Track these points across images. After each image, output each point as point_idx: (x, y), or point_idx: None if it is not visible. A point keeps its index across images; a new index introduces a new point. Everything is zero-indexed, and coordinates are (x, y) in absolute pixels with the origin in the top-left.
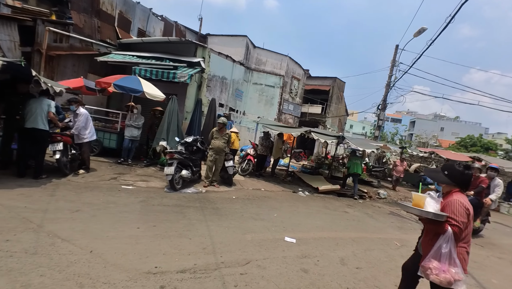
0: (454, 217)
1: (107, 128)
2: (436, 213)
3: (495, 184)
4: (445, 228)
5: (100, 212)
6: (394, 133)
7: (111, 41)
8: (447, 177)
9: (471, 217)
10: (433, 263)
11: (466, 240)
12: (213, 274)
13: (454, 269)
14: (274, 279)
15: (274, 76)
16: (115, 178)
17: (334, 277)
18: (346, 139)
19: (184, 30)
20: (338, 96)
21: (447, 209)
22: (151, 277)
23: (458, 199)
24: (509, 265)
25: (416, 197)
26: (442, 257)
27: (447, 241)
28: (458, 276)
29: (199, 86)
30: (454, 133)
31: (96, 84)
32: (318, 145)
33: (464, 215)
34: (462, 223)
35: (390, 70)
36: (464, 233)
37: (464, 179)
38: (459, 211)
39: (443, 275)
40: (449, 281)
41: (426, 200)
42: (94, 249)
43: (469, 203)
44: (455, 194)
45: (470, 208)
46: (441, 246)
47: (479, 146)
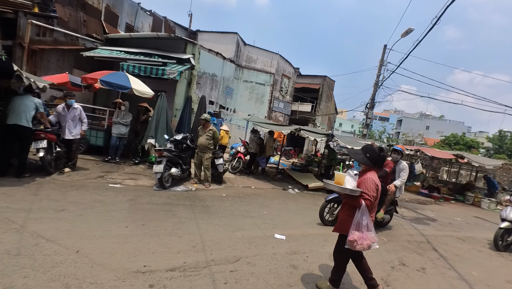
0: (367, 192)
1: (93, 125)
2: (352, 189)
3: (400, 168)
4: (359, 202)
5: (87, 211)
6: (382, 131)
7: (98, 36)
8: (367, 158)
9: (379, 192)
10: (356, 235)
11: (374, 210)
12: (203, 272)
13: (370, 234)
14: (264, 275)
15: (265, 74)
16: (102, 177)
17: (323, 273)
18: (335, 137)
19: (174, 26)
20: (328, 95)
21: (362, 186)
22: (140, 276)
23: (371, 177)
24: (488, 258)
25: (338, 176)
26: (360, 227)
27: (363, 214)
28: (373, 238)
29: (189, 83)
30: (439, 132)
31: (82, 80)
32: (308, 143)
33: (374, 190)
34: (373, 197)
35: (378, 69)
36: (374, 205)
37: (380, 161)
38: (371, 187)
39: (365, 242)
40: (369, 245)
41: (345, 178)
42: (81, 249)
43: (378, 179)
44: (369, 173)
45: (379, 184)
46: (359, 219)
47: (462, 144)
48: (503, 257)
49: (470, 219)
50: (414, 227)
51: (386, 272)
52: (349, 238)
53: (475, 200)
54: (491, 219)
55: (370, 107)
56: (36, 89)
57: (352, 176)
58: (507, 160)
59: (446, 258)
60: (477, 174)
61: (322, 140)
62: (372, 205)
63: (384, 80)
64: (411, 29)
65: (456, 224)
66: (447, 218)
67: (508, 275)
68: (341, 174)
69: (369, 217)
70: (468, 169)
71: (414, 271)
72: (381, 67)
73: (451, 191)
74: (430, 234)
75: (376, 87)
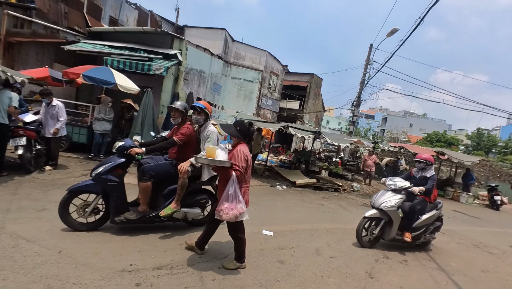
0: (237, 164)
1: (76, 122)
2: (222, 160)
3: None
4: (230, 172)
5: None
6: (367, 128)
7: (80, 29)
8: (238, 132)
9: (249, 163)
10: (225, 205)
11: (247, 182)
12: (191, 269)
13: (239, 204)
14: (252, 271)
15: (253, 71)
16: (85, 175)
17: (309, 267)
18: (322, 134)
19: (160, 21)
20: (315, 92)
21: (233, 158)
22: (126, 275)
23: (241, 149)
24: (466, 249)
25: (209, 149)
26: (230, 197)
27: (232, 184)
28: (242, 209)
29: (176, 79)
30: (421, 129)
31: (63, 74)
32: (296, 140)
33: (244, 161)
34: (242, 167)
35: (364, 68)
36: (245, 176)
37: (249, 135)
38: (240, 158)
39: (231, 212)
40: (236, 215)
41: (216, 151)
42: (63, 249)
43: (248, 152)
44: (240, 146)
45: (249, 156)
46: (229, 190)
47: (443, 142)
48: (479, 248)
49: (450, 213)
50: None
51: (370, 265)
52: (217, 208)
53: (455, 194)
54: (469, 213)
55: (356, 105)
56: (15, 83)
57: (223, 149)
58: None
59: (427, 250)
60: (457, 170)
61: (309, 137)
62: (243, 176)
63: (370, 79)
64: (396, 29)
65: None
66: None
67: (483, 265)
68: (213, 147)
69: (239, 188)
70: (449, 165)
71: (397, 263)
72: (367, 66)
73: None
74: None
75: (362, 86)
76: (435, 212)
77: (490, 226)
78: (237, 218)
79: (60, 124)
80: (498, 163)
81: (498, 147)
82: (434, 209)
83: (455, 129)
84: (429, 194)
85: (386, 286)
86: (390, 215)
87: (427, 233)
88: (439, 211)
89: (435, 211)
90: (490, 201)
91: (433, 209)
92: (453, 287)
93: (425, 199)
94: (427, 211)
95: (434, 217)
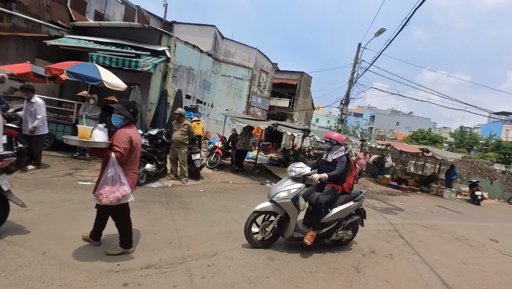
0: (118, 144)
1: (60, 119)
2: (96, 142)
3: None
4: (109, 154)
5: (54, 211)
6: (355, 126)
7: (64, 24)
8: (131, 113)
9: (135, 145)
10: (105, 188)
11: (133, 164)
12: (180, 268)
13: (122, 187)
14: (241, 268)
15: (243, 68)
16: (70, 174)
17: (298, 263)
18: (311, 132)
19: (148, 16)
20: (305, 91)
21: (115, 139)
22: (113, 275)
23: (125, 130)
24: (448, 242)
25: (81, 130)
26: (110, 180)
27: (112, 166)
28: (125, 191)
29: (164, 76)
30: (408, 127)
31: (46, 70)
32: (286, 138)
33: (126, 142)
34: (124, 149)
35: (353, 67)
36: (129, 159)
37: (134, 115)
38: (122, 140)
39: (112, 195)
40: (118, 198)
41: (94, 132)
42: (47, 250)
43: (136, 133)
44: (126, 127)
45: (135, 137)
46: (109, 172)
47: (428, 139)
48: (460, 242)
49: (433, 208)
50: (383, 217)
51: (357, 259)
52: (96, 192)
53: (438, 190)
54: (452, 208)
55: (345, 103)
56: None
57: (102, 130)
58: (466, 154)
59: (411, 245)
60: (440, 166)
61: (299, 135)
62: (124, 157)
63: (358, 78)
64: (383, 28)
65: (421, 213)
66: (413, 207)
67: (464, 258)
68: (86, 127)
69: (121, 170)
70: (433, 162)
71: (383, 257)
72: (355, 65)
73: (418, 183)
74: (397, 223)
75: (350, 84)
76: (351, 204)
77: (471, 220)
78: (120, 200)
79: (37, 122)
80: (479, 160)
81: (479, 144)
82: (351, 200)
83: (439, 127)
84: (339, 182)
85: (372, 279)
86: (284, 209)
87: (339, 229)
88: (358, 203)
89: (351, 203)
90: (471, 196)
91: (349, 200)
92: (436, 279)
93: (335, 188)
94: (340, 203)
95: (350, 209)
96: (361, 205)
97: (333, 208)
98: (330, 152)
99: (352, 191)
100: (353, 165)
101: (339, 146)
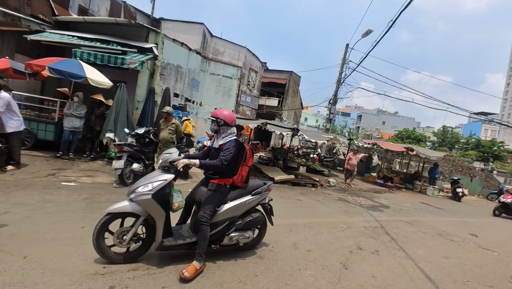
0: None
1: (42, 117)
2: None
3: None
4: None
5: (35, 213)
6: (343, 126)
7: (45, 18)
8: None
9: None
10: None
11: None
12: (168, 269)
13: None
14: (230, 267)
15: (232, 67)
16: (53, 174)
17: (287, 261)
18: (300, 131)
19: (134, 12)
20: (294, 90)
21: None
22: (99, 278)
23: None
24: (431, 238)
25: None
26: None
27: None
28: None
29: (152, 74)
30: (393, 126)
31: (26, 66)
32: (275, 137)
33: None
34: None
35: (340, 67)
36: None
37: None
38: None
39: None
40: None
41: None
42: (29, 254)
43: None
44: None
45: None
46: None
47: (412, 138)
48: (443, 237)
49: (417, 205)
50: (370, 214)
51: (345, 256)
52: None
53: (422, 188)
54: (434, 204)
55: (333, 103)
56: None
57: None
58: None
59: (397, 241)
60: (424, 164)
61: (288, 134)
62: None
63: (346, 78)
64: (370, 30)
65: (405, 210)
66: (398, 204)
67: (445, 252)
68: None
69: None
70: (417, 160)
71: (369, 253)
72: (343, 65)
73: (403, 181)
74: (383, 220)
75: (338, 84)
76: (248, 199)
77: (452, 216)
78: None
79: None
80: (460, 158)
81: (460, 143)
82: (248, 194)
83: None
84: (226, 175)
85: (359, 275)
86: (145, 208)
87: (231, 231)
88: (257, 197)
89: (248, 198)
90: (453, 193)
91: (245, 194)
92: (419, 274)
93: (221, 184)
94: (232, 198)
95: (246, 205)
96: (264, 200)
97: (223, 206)
98: (218, 135)
99: (249, 183)
100: (249, 153)
101: (228, 127)
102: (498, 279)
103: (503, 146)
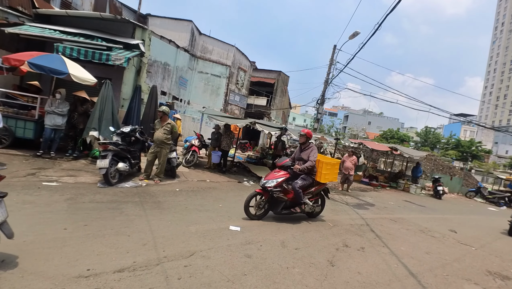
0: None
1: (21, 114)
2: None
3: None
4: None
5: (13, 215)
6: (330, 125)
7: (25, 10)
8: None
9: None
10: None
11: None
12: (155, 270)
13: None
14: (219, 267)
15: (221, 65)
16: (33, 174)
17: (275, 259)
18: (288, 130)
19: (120, 7)
20: (282, 90)
21: None
22: (83, 281)
23: None
24: (413, 234)
25: None
26: None
27: None
28: None
29: (138, 71)
30: (378, 127)
31: (3, 60)
32: (263, 136)
33: None
34: None
35: (328, 68)
36: None
37: None
38: None
39: None
40: None
41: None
42: (7, 258)
43: None
44: None
45: None
46: None
47: (397, 138)
48: (424, 233)
49: (401, 202)
50: (356, 212)
51: (332, 253)
52: None
53: (405, 186)
54: (417, 202)
55: (321, 103)
56: None
57: None
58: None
59: (381, 237)
60: (407, 164)
61: (276, 134)
62: None
63: (333, 78)
64: (357, 32)
65: (389, 207)
66: (383, 202)
67: (427, 248)
68: None
69: None
70: (401, 159)
71: (355, 250)
72: (331, 66)
73: (387, 179)
74: (369, 218)
75: (326, 85)
76: None
77: (433, 213)
78: None
79: None
80: (441, 158)
81: (441, 143)
82: None
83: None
84: None
85: (345, 272)
86: None
87: None
88: None
89: None
90: (434, 191)
91: None
92: (402, 269)
93: None
94: None
95: None
96: None
97: None
98: None
99: None
100: None
101: None
102: (475, 273)
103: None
